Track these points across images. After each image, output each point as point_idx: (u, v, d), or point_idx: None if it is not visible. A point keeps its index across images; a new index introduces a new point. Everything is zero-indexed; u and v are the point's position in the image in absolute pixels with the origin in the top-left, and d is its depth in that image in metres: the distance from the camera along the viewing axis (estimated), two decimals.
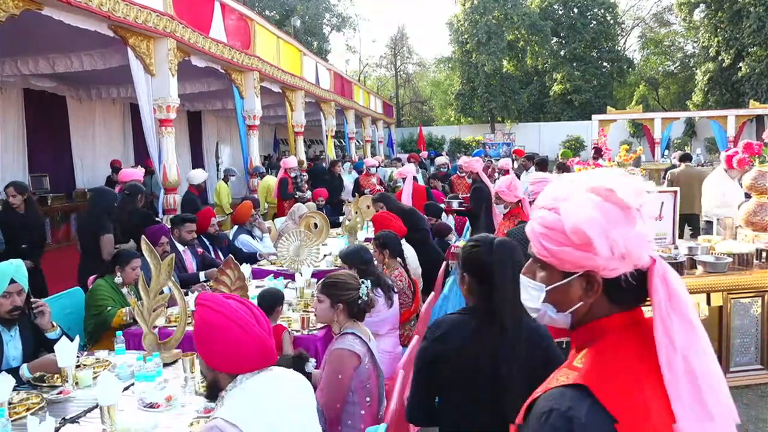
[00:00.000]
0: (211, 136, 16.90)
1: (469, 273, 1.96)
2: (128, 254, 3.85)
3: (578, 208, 0.97)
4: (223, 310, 1.61)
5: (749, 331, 4.30)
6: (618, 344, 0.99)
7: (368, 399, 2.45)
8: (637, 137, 25.02)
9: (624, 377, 0.94)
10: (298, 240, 4.97)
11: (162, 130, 6.99)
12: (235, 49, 8.82)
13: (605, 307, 1.02)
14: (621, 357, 0.97)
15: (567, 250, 0.98)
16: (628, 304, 1.02)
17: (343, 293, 2.52)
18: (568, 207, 0.98)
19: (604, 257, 0.95)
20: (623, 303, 1.02)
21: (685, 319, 0.94)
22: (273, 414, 1.60)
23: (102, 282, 3.75)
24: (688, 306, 0.95)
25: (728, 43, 24.88)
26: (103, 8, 5.64)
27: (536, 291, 1.06)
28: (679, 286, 0.96)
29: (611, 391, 0.92)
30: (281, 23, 29.80)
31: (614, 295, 1.01)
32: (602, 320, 1.02)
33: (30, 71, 8.28)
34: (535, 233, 1.03)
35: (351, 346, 2.43)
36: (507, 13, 29.72)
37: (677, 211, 4.44)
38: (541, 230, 1.01)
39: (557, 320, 1.06)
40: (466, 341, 1.86)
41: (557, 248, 0.99)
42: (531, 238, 1.05)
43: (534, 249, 1.05)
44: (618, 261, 0.96)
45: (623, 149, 5.60)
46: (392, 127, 26.92)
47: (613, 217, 0.96)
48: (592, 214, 0.95)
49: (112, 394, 2.24)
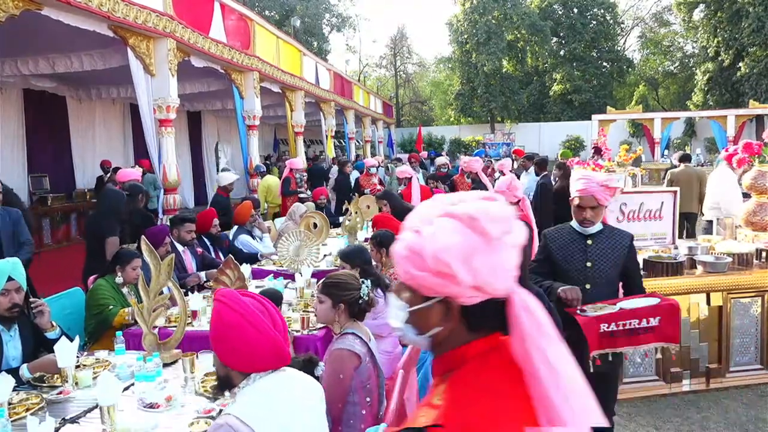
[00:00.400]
0: (211, 136, 16.90)
1: None
2: (128, 254, 3.85)
3: (440, 234, 0.95)
4: (240, 309, 1.61)
5: (749, 331, 4.30)
6: (478, 373, 0.99)
7: (368, 399, 2.45)
8: (637, 137, 25.02)
9: (482, 412, 0.94)
10: (298, 240, 4.96)
11: (162, 130, 6.99)
12: (235, 49, 8.82)
13: (464, 334, 1.01)
14: (480, 388, 0.97)
15: (425, 275, 0.96)
16: (486, 331, 1.02)
17: (344, 293, 2.52)
18: (431, 231, 0.96)
19: (462, 285, 0.94)
20: (482, 330, 1.02)
21: (553, 343, 0.95)
22: (286, 415, 1.61)
23: (103, 282, 3.75)
24: (553, 333, 0.97)
25: (727, 43, 24.88)
26: (103, 8, 5.64)
27: (400, 311, 1.05)
28: (540, 314, 0.97)
29: (468, 429, 0.92)
30: (281, 23, 29.79)
31: (473, 321, 1.01)
32: (461, 348, 1.01)
33: (30, 71, 8.28)
34: (398, 255, 1.01)
35: (351, 346, 2.42)
36: (507, 13, 29.72)
37: (677, 211, 4.44)
38: (405, 253, 0.99)
39: (418, 342, 1.05)
40: None
41: (417, 272, 0.97)
42: (396, 259, 1.04)
43: (398, 270, 1.04)
44: (474, 290, 0.95)
45: (623, 149, 5.60)
46: (392, 127, 26.93)
47: (475, 245, 0.94)
48: (453, 241, 0.94)
49: (112, 394, 2.24)
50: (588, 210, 2.82)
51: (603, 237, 2.90)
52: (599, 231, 2.92)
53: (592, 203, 2.81)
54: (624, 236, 2.93)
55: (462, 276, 0.93)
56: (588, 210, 2.82)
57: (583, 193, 2.83)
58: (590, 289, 2.81)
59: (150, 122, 6.85)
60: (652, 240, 4.41)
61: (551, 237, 3.01)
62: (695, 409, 3.93)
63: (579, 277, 2.84)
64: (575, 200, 2.89)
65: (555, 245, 2.94)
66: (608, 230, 2.96)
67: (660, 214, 4.40)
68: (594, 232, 2.90)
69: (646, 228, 4.38)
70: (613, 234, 2.94)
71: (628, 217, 4.32)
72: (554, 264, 2.92)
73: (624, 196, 4.38)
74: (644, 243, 4.39)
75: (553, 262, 2.92)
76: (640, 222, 4.37)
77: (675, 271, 4.12)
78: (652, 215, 4.39)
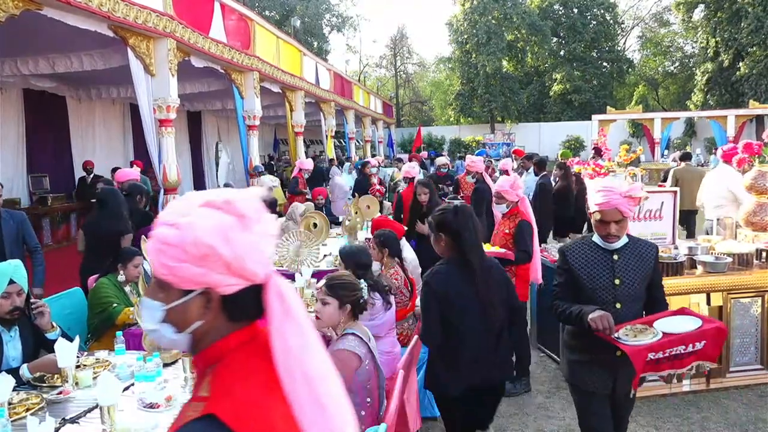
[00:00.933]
0: (211, 136, 16.90)
1: (445, 233, 2.71)
2: (130, 252, 3.86)
3: (199, 220, 0.97)
4: None
5: (749, 331, 4.30)
6: (239, 363, 1.00)
7: (369, 399, 2.45)
8: (637, 137, 25.04)
9: (249, 397, 0.96)
10: (298, 240, 4.97)
11: (162, 130, 6.99)
12: (235, 49, 8.82)
13: (224, 326, 1.02)
14: (243, 376, 0.99)
15: (185, 266, 0.97)
16: (246, 321, 1.04)
17: (351, 294, 2.52)
18: (189, 221, 0.98)
19: (224, 269, 0.97)
20: (242, 320, 1.03)
21: (300, 329, 0.98)
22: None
23: (105, 280, 3.77)
24: (303, 318, 0.99)
25: (727, 43, 24.89)
26: (103, 8, 5.64)
27: (155, 311, 1.03)
28: (294, 299, 1.00)
29: (238, 413, 0.94)
30: (281, 23, 29.80)
31: (233, 311, 1.02)
32: (222, 340, 1.02)
33: (30, 71, 8.28)
34: (153, 250, 1.00)
35: (352, 347, 2.42)
36: (507, 13, 29.73)
37: (677, 211, 4.44)
38: (160, 246, 0.99)
39: (177, 341, 1.04)
40: (456, 279, 2.63)
41: (175, 264, 0.97)
42: (150, 257, 1.03)
43: (152, 267, 1.04)
44: (235, 277, 0.98)
45: (623, 149, 5.60)
46: (392, 127, 26.93)
47: (231, 223, 0.98)
48: (211, 223, 0.97)
49: (112, 394, 2.24)
50: (612, 224, 2.53)
51: (629, 250, 2.63)
52: (625, 244, 2.63)
53: (616, 217, 2.52)
54: (651, 248, 2.69)
55: (224, 252, 0.96)
56: (612, 224, 2.53)
57: (605, 207, 2.52)
58: (620, 309, 2.57)
59: (150, 122, 6.85)
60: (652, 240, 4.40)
61: (572, 254, 2.67)
62: (695, 409, 3.93)
63: (607, 296, 2.57)
64: (596, 215, 2.58)
65: (578, 263, 2.64)
66: (633, 242, 2.68)
67: (660, 214, 4.40)
68: (620, 246, 2.61)
69: (646, 228, 4.38)
70: (639, 246, 2.68)
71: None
72: (578, 283, 2.64)
73: None
74: None
75: (576, 280, 2.64)
76: (640, 222, 4.37)
77: (675, 271, 4.12)
78: (652, 215, 4.38)
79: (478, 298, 2.59)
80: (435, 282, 2.65)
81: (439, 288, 2.63)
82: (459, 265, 2.65)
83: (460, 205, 2.76)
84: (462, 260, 2.65)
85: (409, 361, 2.86)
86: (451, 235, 2.69)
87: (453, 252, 2.70)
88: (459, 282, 2.62)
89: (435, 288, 2.63)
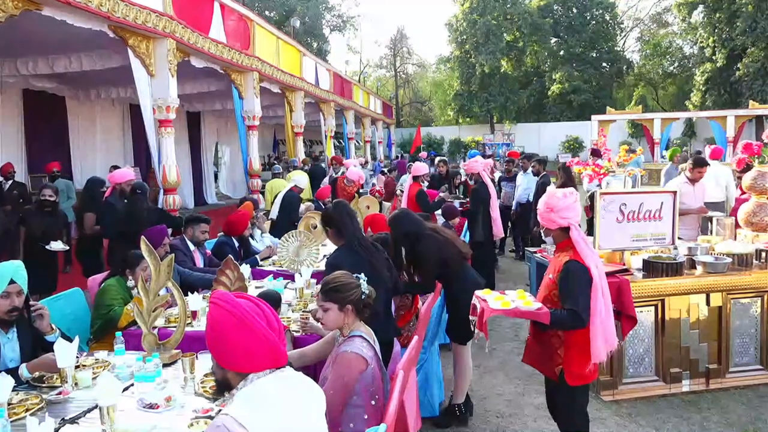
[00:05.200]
0: (210, 137, 16.91)
1: (329, 226, 3.46)
2: (137, 256, 3.83)
3: None
4: (233, 310, 1.61)
5: (749, 332, 4.30)
6: None
7: (373, 402, 2.44)
8: (637, 138, 25.04)
9: None
10: (298, 240, 4.96)
11: (161, 130, 6.99)
12: (235, 49, 8.82)
13: None
14: None
15: None
16: None
17: (348, 294, 2.48)
18: None
19: None
20: None
21: None
22: (283, 415, 1.60)
23: (113, 282, 3.76)
24: None
25: (724, 43, 24.89)
26: (103, 8, 5.65)
27: None
28: None
29: None
30: (281, 24, 29.79)
31: None
32: None
33: (30, 71, 8.29)
34: None
35: (359, 349, 2.41)
36: (506, 12, 29.73)
37: (677, 211, 4.43)
38: None
39: None
40: (350, 262, 3.07)
41: None
42: None
43: None
44: None
45: (623, 149, 5.61)
46: (392, 127, 26.93)
47: None
48: None
49: (112, 394, 2.24)
50: None
51: None
52: None
53: None
54: None
55: None
56: None
57: None
58: None
59: (151, 122, 6.85)
60: (651, 240, 4.40)
61: None
62: (695, 410, 3.93)
63: None
64: None
65: None
66: None
67: (660, 215, 4.39)
68: None
69: (646, 228, 4.38)
70: None
71: (628, 217, 4.31)
72: None
73: (624, 197, 4.37)
74: (644, 243, 4.39)
75: None
76: (640, 222, 4.36)
77: (675, 272, 4.12)
78: (652, 215, 4.38)
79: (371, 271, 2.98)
80: (336, 264, 3.09)
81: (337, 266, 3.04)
82: (350, 249, 3.27)
83: (337, 201, 3.56)
84: (350, 245, 3.28)
85: (409, 361, 2.86)
86: (334, 227, 3.37)
87: (341, 240, 3.35)
88: (351, 262, 3.04)
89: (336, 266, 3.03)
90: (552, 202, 2.82)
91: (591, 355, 2.69)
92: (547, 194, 2.92)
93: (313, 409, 1.74)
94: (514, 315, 2.79)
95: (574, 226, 2.78)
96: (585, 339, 2.69)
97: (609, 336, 2.70)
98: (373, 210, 7.09)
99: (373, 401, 2.44)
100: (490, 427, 3.80)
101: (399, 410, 2.37)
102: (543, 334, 2.88)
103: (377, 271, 3.12)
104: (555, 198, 2.82)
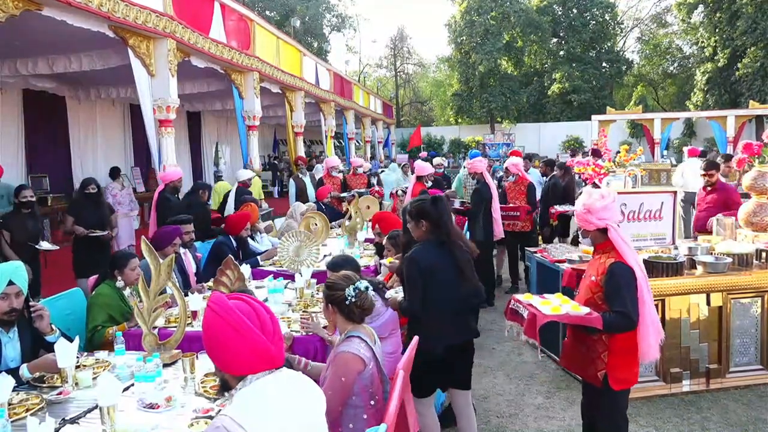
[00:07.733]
0: (210, 137, 16.90)
1: (426, 220, 3.10)
2: (125, 255, 3.81)
3: None
4: (225, 315, 1.61)
5: (749, 332, 4.30)
6: None
7: (372, 402, 2.45)
8: (637, 137, 25.02)
9: None
10: (298, 240, 4.96)
11: (162, 130, 6.99)
12: (235, 49, 8.83)
13: None
14: None
15: None
16: None
17: (331, 293, 2.53)
18: None
19: None
20: None
21: None
22: (282, 416, 1.60)
23: (105, 289, 3.68)
24: None
25: (725, 43, 24.88)
26: (103, 9, 5.65)
27: None
28: None
29: None
30: (281, 24, 29.79)
31: None
32: None
33: (29, 71, 8.28)
34: None
35: (356, 350, 2.41)
36: (505, 12, 29.70)
37: (677, 211, 4.43)
38: None
39: None
40: (436, 257, 3.03)
41: None
42: None
43: None
44: None
45: (623, 149, 5.61)
46: (392, 127, 26.93)
47: None
48: None
49: (112, 394, 2.24)
50: None
51: None
52: None
53: None
54: None
55: None
56: None
57: None
58: None
59: (151, 122, 6.86)
60: (651, 240, 4.40)
61: None
62: (695, 410, 3.93)
63: None
64: None
65: None
66: None
67: (660, 215, 4.39)
68: None
69: (646, 228, 4.38)
70: None
71: (628, 217, 4.32)
72: None
73: (624, 197, 4.37)
74: (644, 243, 4.39)
75: None
76: (640, 222, 4.36)
77: (675, 272, 4.12)
78: (652, 215, 4.38)
79: (456, 271, 3.02)
80: (420, 259, 3.02)
81: (422, 264, 3.01)
82: (438, 246, 3.07)
83: (436, 197, 3.18)
84: (440, 243, 3.08)
85: (409, 361, 2.85)
86: (430, 221, 3.10)
87: (432, 236, 3.11)
88: (439, 258, 3.03)
89: (421, 263, 3.01)
90: (589, 202, 2.75)
91: (642, 356, 2.70)
92: (585, 194, 2.85)
93: (312, 408, 1.74)
94: (566, 321, 2.75)
95: (612, 227, 2.73)
96: (630, 343, 2.69)
97: (659, 333, 2.73)
98: (374, 210, 7.09)
99: (372, 401, 2.45)
100: (490, 427, 3.80)
101: (399, 410, 2.37)
102: (587, 338, 2.78)
103: (462, 271, 3.04)
104: (592, 198, 2.75)
